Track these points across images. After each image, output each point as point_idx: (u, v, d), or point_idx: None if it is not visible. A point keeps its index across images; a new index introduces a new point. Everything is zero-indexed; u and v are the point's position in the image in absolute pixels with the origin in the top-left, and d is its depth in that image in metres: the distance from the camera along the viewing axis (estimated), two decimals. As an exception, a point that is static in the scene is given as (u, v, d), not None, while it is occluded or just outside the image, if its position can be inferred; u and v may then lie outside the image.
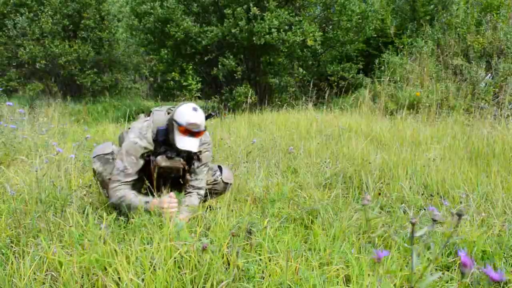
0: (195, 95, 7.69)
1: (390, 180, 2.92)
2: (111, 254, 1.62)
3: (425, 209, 2.39)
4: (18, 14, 10.52)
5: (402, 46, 8.12)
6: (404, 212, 2.39)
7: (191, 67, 7.91)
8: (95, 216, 2.01)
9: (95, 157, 2.17)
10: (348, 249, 1.85)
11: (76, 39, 11.16)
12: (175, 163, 2.13)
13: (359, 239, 2.04)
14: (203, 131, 2.05)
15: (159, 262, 1.54)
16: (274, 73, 8.34)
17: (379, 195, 2.69)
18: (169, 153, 2.10)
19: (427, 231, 0.79)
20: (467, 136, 3.98)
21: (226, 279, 1.51)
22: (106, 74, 11.90)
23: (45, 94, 10.53)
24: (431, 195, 2.69)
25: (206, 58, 7.91)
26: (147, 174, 2.14)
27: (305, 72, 8.42)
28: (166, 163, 2.10)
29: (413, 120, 5.10)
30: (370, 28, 8.66)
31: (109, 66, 12.08)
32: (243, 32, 7.34)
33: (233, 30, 7.34)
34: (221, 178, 2.37)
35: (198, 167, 2.22)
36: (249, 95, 7.35)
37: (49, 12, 10.35)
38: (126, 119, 4.82)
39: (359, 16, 8.37)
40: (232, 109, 7.40)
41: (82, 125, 6.54)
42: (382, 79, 6.94)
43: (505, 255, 1.85)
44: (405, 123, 4.78)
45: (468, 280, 1.66)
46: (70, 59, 10.44)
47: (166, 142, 2.10)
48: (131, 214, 1.97)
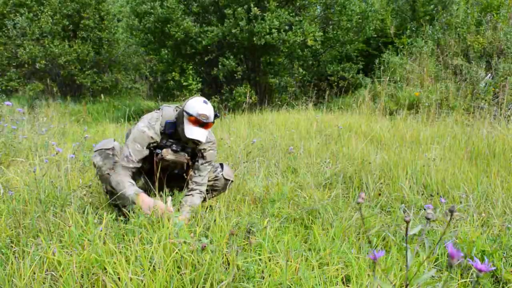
0: (195, 95, 7.68)
1: (390, 180, 2.92)
2: (111, 254, 1.62)
3: (424, 209, 2.39)
4: (18, 14, 10.52)
5: (402, 46, 8.12)
6: (404, 212, 2.39)
7: (191, 67, 7.91)
8: (95, 216, 2.01)
9: (96, 151, 2.20)
10: (348, 249, 1.85)
11: (76, 39, 11.16)
12: (180, 158, 2.17)
13: (359, 239, 2.04)
14: (212, 123, 2.10)
15: (158, 262, 1.54)
16: (274, 73, 8.33)
17: (379, 195, 2.69)
18: (174, 146, 2.14)
19: (421, 230, 0.79)
20: (467, 136, 3.98)
21: (226, 279, 1.51)
22: (106, 74, 11.90)
23: (45, 94, 10.53)
24: (431, 195, 2.69)
25: (206, 58, 7.91)
26: (149, 168, 2.17)
27: (305, 72, 8.42)
28: (171, 156, 2.14)
29: (413, 120, 5.10)
30: (370, 28, 8.66)
31: (109, 66, 12.08)
32: (243, 32, 7.34)
33: (233, 30, 7.34)
34: (222, 174, 2.39)
35: (202, 164, 2.25)
36: (248, 95, 7.35)
37: (48, 12, 10.34)
38: (126, 119, 4.82)
39: (359, 16, 8.37)
40: (232, 109, 7.40)
41: (82, 125, 6.54)
42: (382, 79, 6.94)
43: (505, 255, 1.85)
44: (405, 123, 4.78)
45: (468, 280, 1.66)
46: (70, 59, 10.44)
47: (174, 135, 2.15)
48: (124, 204, 1.99)
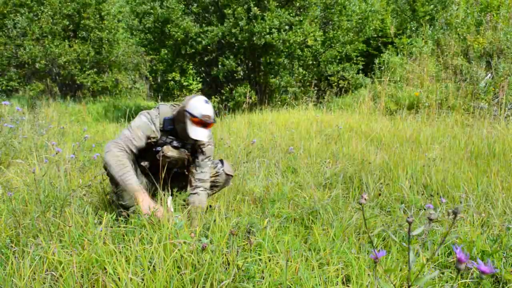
0: (195, 94, 7.68)
1: (390, 180, 2.92)
2: (111, 254, 1.62)
3: (425, 209, 2.38)
4: (18, 14, 10.52)
5: (402, 46, 8.12)
6: (404, 212, 2.39)
7: (191, 67, 7.91)
8: (95, 216, 2.01)
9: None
10: (348, 249, 1.85)
11: (76, 39, 11.16)
12: (181, 154, 2.19)
13: (359, 239, 2.04)
14: (213, 122, 2.14)
15: (158, 262, 1.54)
16: (274, 73, 8.33)
17: (379, 195, 2.69)
18: (175, 142, 2.16)
19: (424, 230, 0.80)
20: (467, 136, 3.98)
21: (226, 279, 1.51)
22: (106, 74, 11.90)
23: (45, 94, 10.53)
24: (431, 195, 2.69)
25: (206, 58, 7.91)
26: (150, 165, 2.17)
27: (305, 72, 8.42)
28: (172, 153, 2.15)
29: (413, 120, 5.10)
30: (370, 28, 8.66)
31: (109, 66, 12.08)
32: (243, 32, 7.34)
33: (233, 30, 7.34)
34: (223, 170, 2.41)
35: (203, 160, 2.27)
36: (248, 95, 7.35)
37: (49, 12, 10.34)
38: (126, 119, 4.82)
39: (359, 17, 8.37)
40: (232, 109, 7.39)
41: (82, 125, 6.54)
42: (382, 79, 6.94)
43: (505, 255, 1.85)
44: (405, 123, 4.78)
45: (468, 280, 1.66)
46: (70, 59, 10.44)
47: (173, 131, 2.17)
48: (121, 195, 1.97)
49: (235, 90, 7.70)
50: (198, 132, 2.07)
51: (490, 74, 6.26)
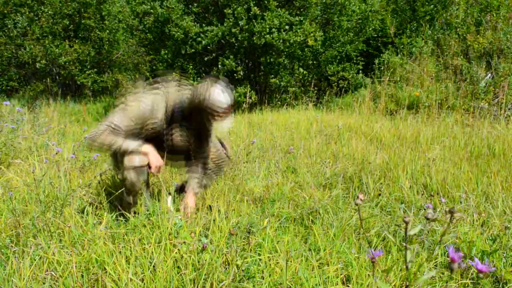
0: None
1: (390, 180, 2.92)
2: (111, 253, 1.62)
3: (425, 209, 2.38)
4: (18, 14, 10.52)
5: (402, 46, 8.12)
6: (404, 212, 2.39)
7: (191, 66, 7.91)
8: (95, 216, 2.01)
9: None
10: (348, 249, 1.85)
11: (76, 39, 11.16)
12: (189, 141, 2.18)
13: (359, 239, 2.04)
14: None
15: (158, 262, 1.54)
16: (274, 73, 8.33)
17: (379, 195, 2.69)
18: (183, 123, 2.13)
19: (423, 230, 0.80)
20: (467, 136, 3.98)
21: (226, 279, 1.51)
22: (106, 74, 11.90)
23: (45, 94, 10.53)
24: (431, 195, 2.69)
25: (206, 58, 7.91)
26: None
27: (305, 72, 8.42)
28: (182, 142, 2.16)
29: (413, 120, 5.10)
30: (370, 28, 8.66)
31: (109, 66, 12.08)
32: (243, 31, 7.34)
33: (233, 30, 7.34)
34: (225, 153, 2.42)
35: (211, 141, 2.30)
36: (248, 95, 7.34)
37: (49, 12, 10.34)
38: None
39: (359, 17, 8.36)
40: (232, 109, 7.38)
41: (82, 125, 6.54)
42: (382, 79, 6.94)
43: (505, 255, 1.85)
44: (405, 123, 4.78)
45: (468, 280, 1.66)
46: (70, 59, 10.44)
47: (183, 116, 2.11)
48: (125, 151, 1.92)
49: (235, 90, 7.70)
50: (224, 124, 2.04)
51: (490, 74, 6.26)
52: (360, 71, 8.86)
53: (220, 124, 2.03)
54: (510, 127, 4.38)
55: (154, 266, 1.56)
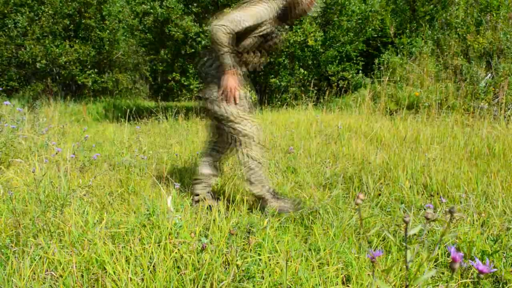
0: (196, 95, 7.71)
1: (390, 180, 2.92)
2: (111, 253, 1.62)
3: (425, 209, 2.38)
4: (18, 14, 10.52)
5: (402, 47, 8.12)
6: (404, 212, 2.39)
7: (191, 66, 7.91)
8: (95, 216, 2.01)
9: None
10: (348, 249, 1.85)
11: (76, 39, 11.16)
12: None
13: (358, 239, 2.04)
14: None
15: (158, 262, 1.54)
16: (274, 73, 8.33)
17: (379, 195, 2.69)
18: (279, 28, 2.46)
19: (421, 230, 0.80)
20: (467, 136, 3.98)
21: (226, 279, 1.52)
22: (106, 74, 11.91)
23: (45, 94, 10.53)
24: (431, 195, 2.69)
25: (205, 59, 7.90)
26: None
27: (305, 72, 8.42)
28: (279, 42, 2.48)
29: (413, 120, 5.10)
30: (370, 29, 8.66)
31: (109, 66, 12.09)
32: (243, 32, 7.33)
33: (233, 30, 7.33)
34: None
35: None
36: (248, 95, 7.33)
37: (49, 12, 10.34)
38: (126, 119, 4.83)
39: (359, 17, 8.36)
40: (232, 109, 7.37)
41: (82, 125, 6.54)
42: (382, 79, 6.94)
43: (505, 255, 1.85)
44: (405, 123, 4.78)
45: (468, 280, 1.66)
46: (71, 59, 10.44)
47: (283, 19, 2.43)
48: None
49: (235, 90, 7.68)
50: (313, 8, 2.37)
51: (490, 74, 6.26)
52: (360, 71, 8.86)
53: (312, 9, 2.36)
54: (510, 127, 4.38)
55: (154, 266, 1.56)
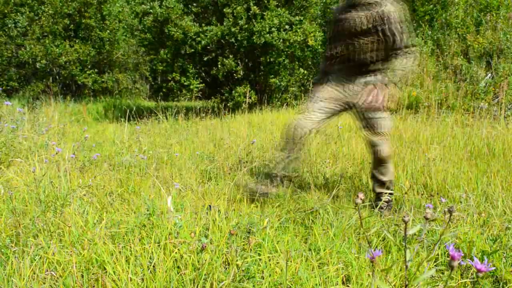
0: (196, 95, 7.71)
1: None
2: (111, 253, 1.62)
3: (424, 209, 2.38)
4: (18, 14, 10.52)
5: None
6: (404, 211, 2.39)
7: (191, 66, 7.91)
8: (95, 216, 2.01)
9: None
10: (348, 249, 1.85)
11: (76, 38, 11.16)
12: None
13: (358, 239, 2.04)
14: None
15: (158, 262, 1.54)
16: (274, 73, 8.33)
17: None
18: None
19: (420, 230, 0.80)
20: (467, 136, 3.98)
21: (226, 279, 1.52)
22: (106, 74, 11.90)
23: (45, 94, 10.53)
24: (431, 195, 2.69)
25: (205, 58, 7.91)
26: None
27: (305, 72, 8.42)
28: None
29: (412, 120, 5.10)
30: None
31: (109, 66, 12.08)
32: (243, 31, 7.34)
33: (232, 29, 7.33)
34: None
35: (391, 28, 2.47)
36: (248, 95, 7.34)
37: (49, 12, 10.34)
38: (126, 119, 4.83)
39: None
40: (232, 109, 7.39)
41: (82, 125, 6.54)
42: (382, 79, 6.92)
43: (505, 255, 1.85)
44: (404, 123, 4.78)
45: (468, 280, 1.67)
46: (71, 59, 10.44)
47: None
48: None
49: (234, 90, 7.70)
50: None
51: (490, 74, 6.26)
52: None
53: None
54: (510, 127, 4.38)
55: (154, 266, 1.56)
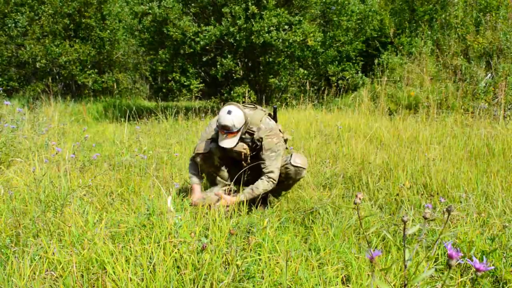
0: (195, 95, 7.71)
1: (390, 180, 2.92)
2: (111, 253, 1.62)
3: (424, 209, 2.38)
4: (19, 14, 10.52)
5: (401, 47, 8.12)
6: (404, 211, 2.39)
7: (191, 66, 7.90)
8: (95, 216, 2.01)
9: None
10: (348, 249, 1.85)
11: (76, 38, 11.15)
12: (238, 148, 2.45)
13: (358, 239, 2.04)
14: (235, 131, 2.29)
15: (158, 262, 1.54)
16: (274, 73, 8.33)
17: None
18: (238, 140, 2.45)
19: (420, 229, 0.80)
20: (467, 136, 3.98)
21: (225, 279, 1.52)
22: (106, 74, 11.90)
23: (45, 94, 10.52)
24: (431, 195, 2.69)
25: (204, 58, 7.90)
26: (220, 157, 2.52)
27: (305, 72, 8.42)
28: (230, 146, 2.42)
29: (412, 120, 5.10)
30: (370, 29, 8.67)
31: (109, 66, 12.08)
32: (241, 31, 7.33)
33: (231, 29, 7.32)
34: (290, 161, 2.51)
35: (265, 153, 2.41)
36: (247, 95, 7.34)
37: (49, 11, 10.33)
38: (126, 119, 4.82)
39: (359, 17, 8.37)
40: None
41: (82, 125, 6.54)
42: (381, 79, 6.93)
43: (504, 254, 1.85)
44: (404, 123, 4.78)
45: (468, 279, 1.67)
46: (71, 58, 10.43)
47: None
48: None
49: (233, 90, 7.69)
50: (220, 140, 2.31)
51: (490, 74, 6.26)
52: (359, 71, 8.87)
53: (219, 139, 2.31)
54: (509, 127, 4.38)
55: (154, 266, 1.56)
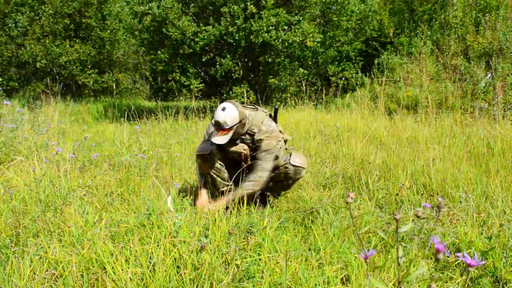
0: (195, 95, 7.71)
1: (389, 180, 2.92)
2: (111, 253, 1.62)
3: (424, 208, 2.39)
4: (19, 14, 10.52)
5: (401, 47, 8.12)
6: (403, 211, 2.39)
7: (191, 66, 7.90)
8: (95, 216, 2.01)
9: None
10: (348, 249, 1.85)
11: (77, 38, 11.15)
12: (238, 148, 2.48)
13: (358, 239, 2.04)
14: (226, 129, 2.28)
15: (158, 262, 1.54)
16: (274, 73, 8.33)
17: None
18: (238, 141, 2.49)
19: (419, 229, 0.80)
20: (467, 136, 3.98)
21: (225, 279, 1.52)
22: (107, 74, 11.90)
23: (45, 94, 10.52)
24: (431, 195, 2.69)
25: (204, 59, 7.90)
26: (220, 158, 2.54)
27: (305, 72, 8.42)
28: (231, 148, 2.49)
29: (412, 120, 5.10)
30: (370, 29, 8.67)
31: (109, 66, 12.08)
32: (240, 30, 7.33)
33: (230, 29, 7.32)
34: (289, 161, 2.52)
35: (260, 154, 2.43)
36: (246, 95, 7.33)
37: (50, 11, 10.33)
38: (126, 119, 4.83)
39: (358, 17, 8.37)
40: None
41: (82, 125, 6.54)
42: (381, 79, 6.93)
43: (504, 254, 1.85)
44: (404, 123, 4.78)
45: (468, 280, 1.67)
46: (71, 58, 10.44)
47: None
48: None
49: (233, 90, 7.69)
50: (213, 136, 2.31)
51: (490, 74, 6.26)
52: (359, 71, 8.87)
53: (212, 136, 2.31)
54: (509, 127, 4.38)
55: (153, 266, 1.56)
